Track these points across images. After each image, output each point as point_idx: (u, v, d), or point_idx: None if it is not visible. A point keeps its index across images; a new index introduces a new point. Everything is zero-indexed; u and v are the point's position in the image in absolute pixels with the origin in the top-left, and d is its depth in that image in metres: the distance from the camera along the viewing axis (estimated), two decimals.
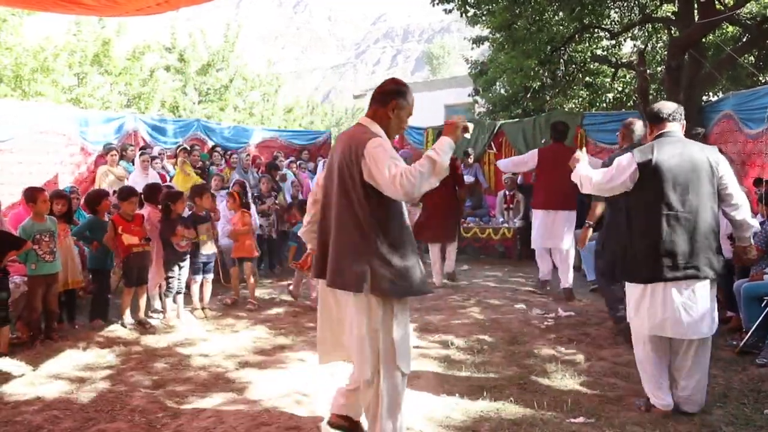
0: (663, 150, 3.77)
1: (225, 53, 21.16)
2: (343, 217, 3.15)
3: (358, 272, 3.06)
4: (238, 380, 4.58)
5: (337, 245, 3.18)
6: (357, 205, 3.08)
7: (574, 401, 4.08)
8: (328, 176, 3.32)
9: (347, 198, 3.12)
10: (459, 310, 6.63)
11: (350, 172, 3.09)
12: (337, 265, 3.16)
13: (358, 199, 3.08)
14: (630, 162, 3.82)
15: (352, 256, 3.10)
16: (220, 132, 12.21)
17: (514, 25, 9.53)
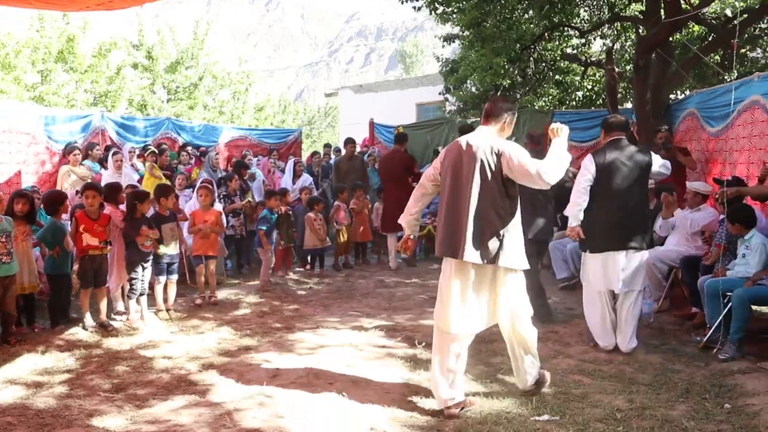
0: (612, 153, 5.00)
1: (194, 51, 20.93)
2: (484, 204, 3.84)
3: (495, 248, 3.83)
4: (201, 382, 4.50)
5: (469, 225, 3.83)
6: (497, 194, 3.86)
7: (539, 399, 4.08)
8: (456, 172, 3.94)
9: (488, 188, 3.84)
10: (426, 309, 6.60)
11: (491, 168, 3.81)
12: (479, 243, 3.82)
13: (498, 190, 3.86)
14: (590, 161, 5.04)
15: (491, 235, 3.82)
16: (191, 130, 12.06)
17: (484, 23, 9.52)
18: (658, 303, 6.21)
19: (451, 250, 3.90)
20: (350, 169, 10.24)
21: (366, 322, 6.10)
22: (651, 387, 4.32)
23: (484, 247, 3.83)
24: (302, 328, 5.93)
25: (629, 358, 4.92)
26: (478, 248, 3.82)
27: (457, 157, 3.96)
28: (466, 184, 3.88)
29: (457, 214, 3.91)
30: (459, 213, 3.90)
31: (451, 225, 3.92)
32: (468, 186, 3.87)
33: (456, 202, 3.94)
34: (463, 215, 3.87)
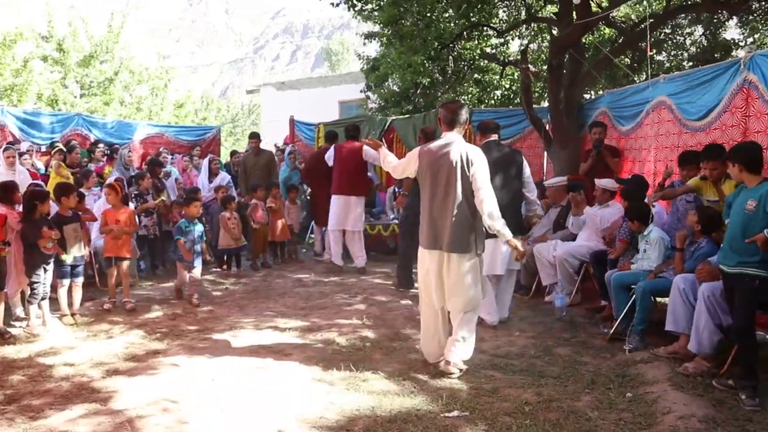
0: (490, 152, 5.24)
1: (109, 44, 20.11)
2: (462, 205, 4.47)
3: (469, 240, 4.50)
4: (104, 390, 4.28)
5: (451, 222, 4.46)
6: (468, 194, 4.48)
7: (450, 395, 4.10)
8: (435, 176, 4.53)
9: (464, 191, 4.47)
10: (345, 308, 6.55)
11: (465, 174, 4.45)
12: (453, 235, 4.46)
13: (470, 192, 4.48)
14: None
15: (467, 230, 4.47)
16: (103, 126, 11.60)
17: (402, 21, 9.55)
18: (570, 297, 6.36)
19: (437, 243, 4.54)
20: (256, 166, 9.96)
21: (281, 322, 5.98)
22: (559, 379, 4.41)
23: (464, 240, 4.48)
24: (215, 330, 5.76)
25: (541, 352, 5.02)
26: (459, 242, 4.47)
27: (435, 161, 4.53)
28: (447, 188, 4.49)
29: (440, 214, 4.53)
30: (443, 212, 4.51)
31: (435, 222, 4.56)
32: (450, 189, 4.47)
33: (438, 202, 4.54)
34: (447, 214, 4.47)
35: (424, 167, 4.62)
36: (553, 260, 6.53)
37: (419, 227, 4.76)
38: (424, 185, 4.66)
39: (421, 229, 4.72)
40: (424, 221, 4.65)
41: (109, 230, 6.68)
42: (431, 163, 4.56)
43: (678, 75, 7.08)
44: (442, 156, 4.50)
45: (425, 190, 4.65)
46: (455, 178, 4.45)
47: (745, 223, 3.97)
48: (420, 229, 4.74)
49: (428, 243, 4.61)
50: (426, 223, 4.63)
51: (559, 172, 8.28)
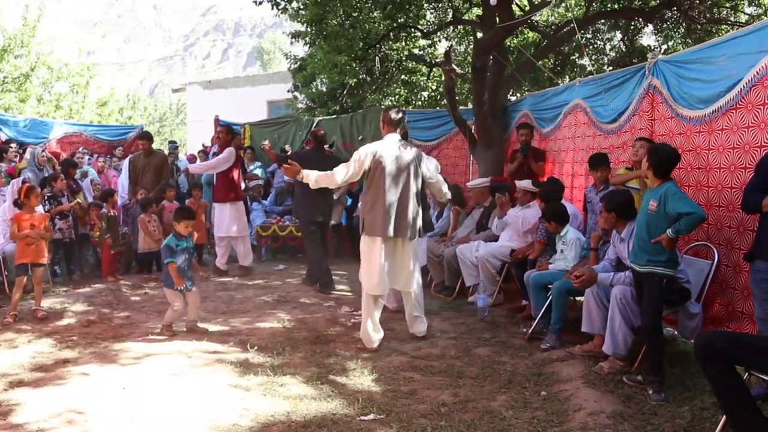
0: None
1: (24, 38, 19.20)
2: (414, 198, 5.20)
3: (418, 227, 5.29)
4: (5, 403, 4.04)
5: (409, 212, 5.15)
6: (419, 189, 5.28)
7: (367, 398, 4.07)
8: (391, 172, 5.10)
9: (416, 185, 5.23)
10: (266, 311, 6.44)
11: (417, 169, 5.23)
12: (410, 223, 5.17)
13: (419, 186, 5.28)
14: None
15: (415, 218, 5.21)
16: (15, 125, 11.06)
17: (326, 21, 9.48)
18: (492, 297, 6.44)
19: (394, 231, 5.09)
20: (147, 168, 9.18)
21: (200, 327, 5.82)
22: (477, 380, 4.45)
23: (414, 227, 5.21)
24: (130, 337, 5.55)
25: (461, 353, 5.05)
26: (410, 229, 5.16)
27: (392, 160, 5.11)
28: (406, 182, 5.15)
29: (399, 205, 5.11)
30: (400, 204, 5.12)
31: (390, 213, 5.08)
32: (406, 183, 5.15)
33: (396, 195, 5.11)
34: (404, 205, 5.12)
35: (378, 165, 5.10)
36: (475, 261, 6.60)
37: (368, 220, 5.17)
38: (378, 181, 5.10)
39: (372, 220, 5.13)
40: (379, 213, 5.08)
41: (24, 235, 6.29)
42: (389, 162, 5.10)
43: (592, 78, 7.28)
44: (398, 155, 5.15)
45: (379, 185, 5.10)
46: (411, 173, 5.16)
47: (649, 223, 4.10)
48: (370, 220, 5.15)
49: (383, 231, 5.07)
50: (381, 214, 5.07)
51: (484, 173, 8.40)
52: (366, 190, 5.27)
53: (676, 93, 5.32)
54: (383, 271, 5.13)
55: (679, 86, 5.28)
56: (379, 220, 5.08)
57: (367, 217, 5.19)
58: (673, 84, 5.38)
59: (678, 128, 5.28)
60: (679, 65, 5.34)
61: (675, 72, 5.37)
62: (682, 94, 5.23)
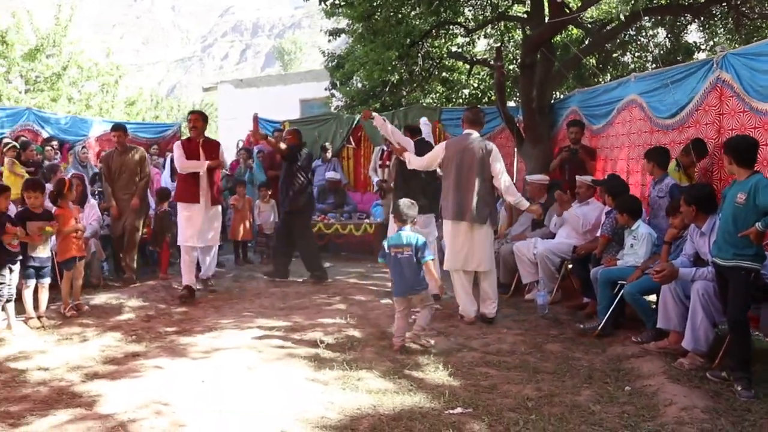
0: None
1: (56, 37, 19.36)
2: (482, 187, 5.72)
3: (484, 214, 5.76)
4: (87, 394, 4.06)
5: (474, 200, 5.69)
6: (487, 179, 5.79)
7: (450, 392, 4.04)
8: (460, 163, 5.74)
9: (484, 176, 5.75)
10: (325, 308, 6.43)
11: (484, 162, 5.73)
12: (474, 210, 5.69)
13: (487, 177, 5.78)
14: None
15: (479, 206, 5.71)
16: (56, 122, 11.14)
17: (374, 16, 9.47)
18: (551, 294, 6.38)
19: (460, 215, 5.72)
20: (124, 165, 7.86)
21: (262, 322, 5.83)
22: (555, 375, 4.41)
23: (478, 214, 5.70)
24: (194, 331, 5.57)
25: (532, 349, 5.01)
26: (473, 214, 5.69)
27: (460, 152, 5.75)
28: (472, 172, 5.70)
29: (464, 193, 5.70)
30: (466, 192, 5.69)
31: (459, 199, 5.72)
32: (473, 173, 5.69)
33: (463, 184, 5.71)
34: (471, 193, 5.67)
35: (451, 157, 5.78)
36: (533, 258, 6.55)
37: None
38: (450, 171, 5.80)
39: (445, 206, 5.85)
40: (450, 199, 5.77)
41: (74, 230, 6.31)
42: (460, 153, 5.74)
43: (649, 74, 7.20)
44: (471, 149, 5.74)
45: (451, 175, 5.79)
46: (479, 165, 5.69)
47: (736, 216, 4.02)
48: (444, 206, 5.88)
49: (452, 215, 5.77)
50: (451, 200, 5.77)
51: (531, 170, 8.32)
52: (443, 180, 6.00)
53: (749, 86, 5.23)
54: (453, 249, 5.83)
55: (753, 79, 5.19)
56: (450, 205, 5.78)
57: (443, 203, 5.92)
58: (745, 77, 5.29)
59: (752, 122, 5.19)
60: (751, 58, 5.25)
61: (747, 65, 5.27)
62: (757, 87, 5.14)
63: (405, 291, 5.03)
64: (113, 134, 8.11)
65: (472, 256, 5.81)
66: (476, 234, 5.78)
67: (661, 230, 5.41)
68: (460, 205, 5.73)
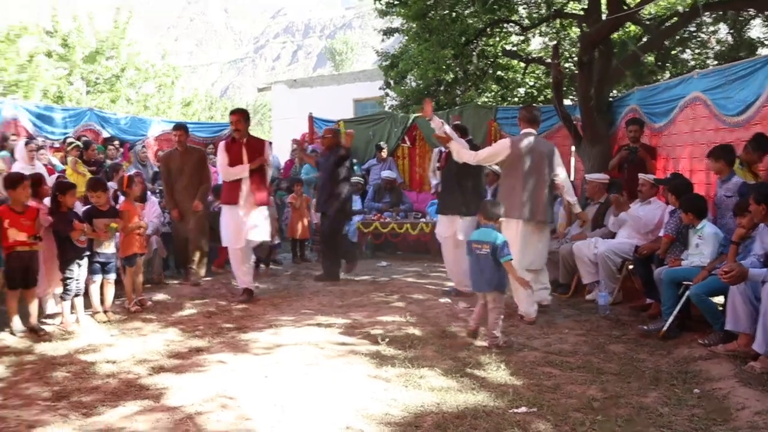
0: None
1: (115, 40, 19.94)
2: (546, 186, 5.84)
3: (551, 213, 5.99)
4: (153, 387, 4.17)
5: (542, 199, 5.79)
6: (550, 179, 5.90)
7: (514, 391, 4.01)
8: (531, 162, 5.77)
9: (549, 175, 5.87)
10: (383, 306, 6.44)
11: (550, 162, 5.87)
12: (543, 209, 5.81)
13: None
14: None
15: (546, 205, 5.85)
16: (116, 122, 11.47)
17: (429, 15, 9.45)
18: (612, 295, 6.26)
19: (530, 214, 5.73)
20: (185, 166, 7.66)
21: (322, 320, 5.88)
22: (620, 376, 4.32)
23: (546, 213, 5.83)
24: (254, 328, 5.65)
25: (594, 350, 4.93)
26: (543, 214, 5.79)
27: (529, 150, 5.76)
28: (539, 172, 5.76)
29: (537, 193, 5.75)
30: (539, 192, 5.76)
31: (532, 199, 5.72)
32: (541, 173, 5.77)
33: (533, 183, 5.74)
34: (541, 192, 5.74)
35: (518, 155, 5.76)
36: (593, 258, 6.43)
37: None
38: (517, 169, 5.77)
39: (510, 205, 5.68)
40: (518, 199, 5.73)
41: (137, 227, 6.48)
42: (527, 152, 5.75)
43: (712, 70, 7.00)
44: (534, 146, 5.79)
45: (519, 173, 5.77)
46: (545, 164, 5.75)
47: None
48: (508, 205, 5.65)
49: (528, 216, 5.74)
50: (520, 200, 5.73)
51: (589, 170, 8.19)
52: (503, 178, 6.02)
53: None
54: (523, 249, 5.74)
55: None
56: (521, 205, 5.72)
57: (506, 202, 5.67)
58: None
59: None
60: None
61: None
62: None
63: (479, 287, 5.11)
64: (174, 133, 7.94)
65: (538, 255, 5.92)
66: (542, 234, 5.93)
67: (729, 231, 5.25)
68: (533, 205, 5.74)
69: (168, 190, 7.79)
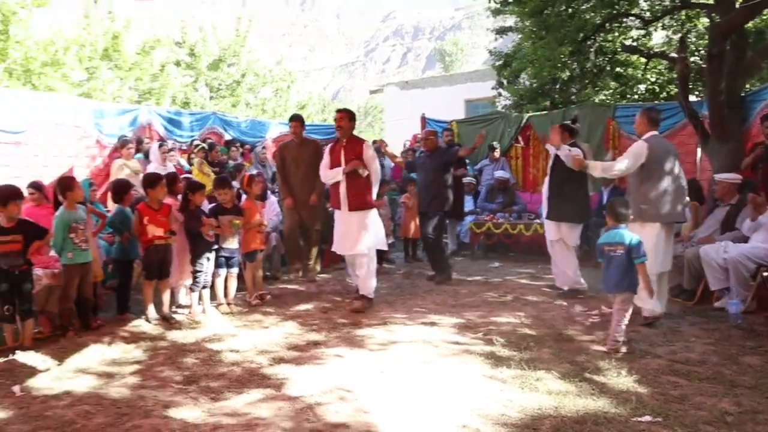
0: None
1: (236, 48, 20.95)
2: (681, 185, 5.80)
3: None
4: (275, 376, 4.34)
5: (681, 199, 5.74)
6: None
7: (637, 399, 3.84)
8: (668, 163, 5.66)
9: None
10: (497, 307, 6.35)
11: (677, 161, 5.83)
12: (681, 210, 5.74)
13: None
14: None
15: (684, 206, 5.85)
16: (237, 125, 11.99)
17: (546, 11, 9.23)
18: (744, 303, 5.85)
19: (670, 216, 5.61)
20: (300, 158, 7.73)
21: (435, 318, 5.88)
22: (756, 390, 4.02)
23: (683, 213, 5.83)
24: (369, 324, 5.73)
25: (726, 360, 4.63)
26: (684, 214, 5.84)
27: (667, 153, 5.69)
28: (674, 173, 5.64)
29: (680, 196, 5.67)
30: (682, 194, 5.72)
31: (669, 200, 5.60)
32: (675, 173, 5.66)
33: (670, 184, 5.61)
34: (678, 193, 5.65)
35: (655, 157, 5.62)
36: (723, 263, 6.03)
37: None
38: (654, 172, 5.61)
39: (651, 208, 5.58)
40: (657, 201, 5.59)
41: (259, 223, 6.76)
42: (663, 154, 5.66)
43: None
44: (666, 147, 5.76)
45: (656, 175, 5.61)
46: (676, 164, 5.69)
47: None
48: (646, 209, 5.59)
49: (668, 218, 5.62)
50: (660, 202, 5.59)
51: (719, 169, 7.69)
52: (639, 181, 5.71)
53: None
54: (667, 252, 5.72)
55: None
56: (668, 208, 5.60)
57: (643, 205, 5.60)
58: None
59: None
60: None
61: None
62: None
63: (609, 288, 4.96)
64: (291, 124, 7.98)
65: (668, 258, 5.81)
66: (671, 236, 5.84)
67: None
68: (672, 207, 5.63)
69: (282, 180, 7.86)
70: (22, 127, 8.06)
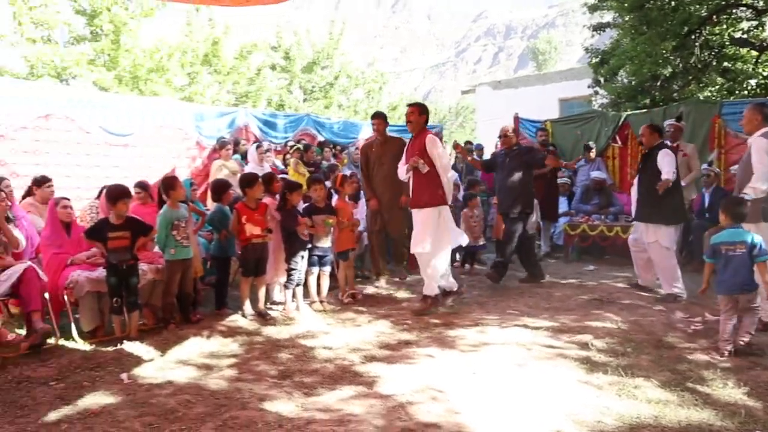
0: None
1: (329, 50, 21.37)
2: None
3: None
4: (366, 374, 4.38)
5: None
6: None
7: (746, 412, 3.62)
8: None
9: None
10: (592, 311, 6.17)
11: None
12: None
13: None
14: None
15: None
16: (330, 127, 12.21)
17: (647, 5, 8.86)
18: None
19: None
20: (384, 156, 7.56)
21: (528, 321, 5.78)
22: None
23: None
24: (461, 325, 5.70)
25: None
26: None
27: None
28: None
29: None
30: None
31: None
32: None
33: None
34: None
35: None
36: None
37: None
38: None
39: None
40: None
41: (352, 224, 6.87)
42: None
43: None
44: None
45: None
46: None
47: None
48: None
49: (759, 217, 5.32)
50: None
51: None
52: None
53: None
54: None
55: None
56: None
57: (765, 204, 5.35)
58: None
59: None
60: None
61: None
62: None
63: (733, 289, 4.73)
64: (373, 122, 7.78)
65: None
66: None
67: None
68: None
69: (366, 180, 7.77)
70: (130, 130, 8.57)
